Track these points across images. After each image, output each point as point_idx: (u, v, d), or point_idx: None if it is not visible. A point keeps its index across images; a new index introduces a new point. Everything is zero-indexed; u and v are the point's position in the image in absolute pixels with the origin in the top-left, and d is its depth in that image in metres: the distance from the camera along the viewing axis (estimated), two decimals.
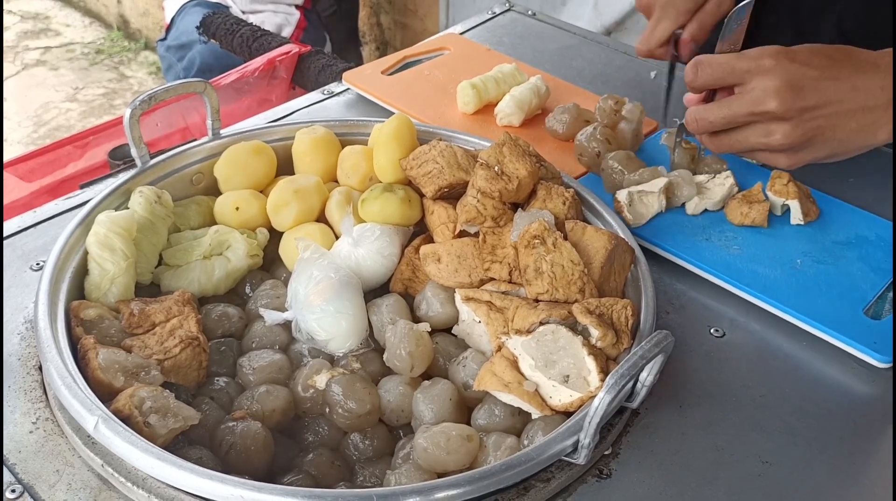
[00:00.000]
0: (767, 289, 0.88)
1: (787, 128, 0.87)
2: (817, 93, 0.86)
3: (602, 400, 0.64)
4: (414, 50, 1.33)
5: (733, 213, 0.98)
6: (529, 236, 0.80)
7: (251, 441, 0.72)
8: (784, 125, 0.87)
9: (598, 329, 0.74)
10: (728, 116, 0.89)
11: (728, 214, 0.98)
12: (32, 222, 0.95)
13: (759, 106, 0.86)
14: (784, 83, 0.85)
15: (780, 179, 0.98)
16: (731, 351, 0.85)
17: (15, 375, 0.77)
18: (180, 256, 0.88)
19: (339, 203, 0.92)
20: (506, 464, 0.64)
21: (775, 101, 0.85)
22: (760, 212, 0.97)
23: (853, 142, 0.89)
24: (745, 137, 0.90)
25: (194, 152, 0.96)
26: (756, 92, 0.86)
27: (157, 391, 0.70)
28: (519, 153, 0.88)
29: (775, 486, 0.72)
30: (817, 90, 0.86)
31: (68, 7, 4.40)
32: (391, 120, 0.95)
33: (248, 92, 1.35)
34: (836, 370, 0.83)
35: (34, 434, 0.72)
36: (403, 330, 0.79)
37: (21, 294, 0.86)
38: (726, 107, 0.89)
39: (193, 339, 0.76)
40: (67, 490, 0.68)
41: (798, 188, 0.97)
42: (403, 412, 0.77)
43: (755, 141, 0.90)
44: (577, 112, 1.12)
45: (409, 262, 0.88)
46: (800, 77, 0.86)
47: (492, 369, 0.76)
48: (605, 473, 0.72)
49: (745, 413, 0.78)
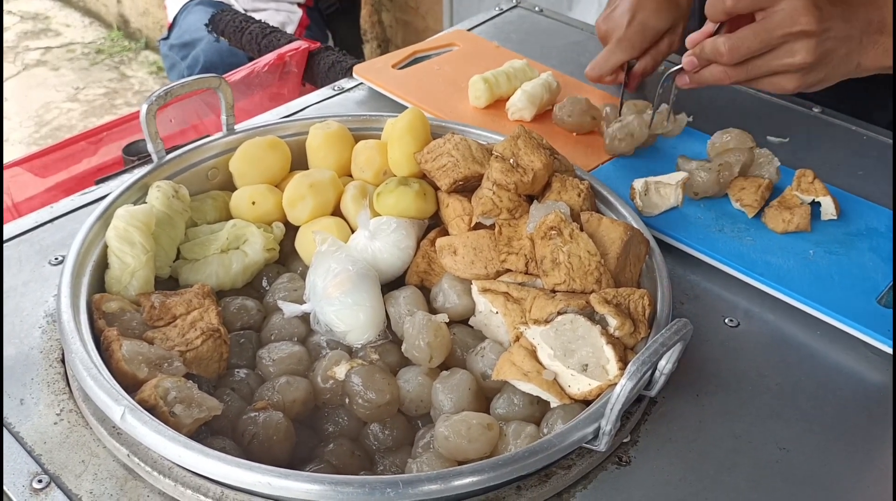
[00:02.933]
0: (781, 279, 0.89)
1: (811, 45, 0.92)
2: (831, 16, 0.93)
3: (624, 387, 0.65)
4: (423, 45, 1.33)
5: (774, 221, 0.97)
6: (546, 227, 0.81)
7: (273, 431, 0.72)
8: (809, 42, 0.92)
9: (616, 319, 0.75)
10: (765, 39, 0.94)
11: (769, 223, 0.97)
12: (49, 217, 0.96)
13: (795, 24, 0.91)
14: (811, 2, 0.91)
15: (804, 178, 0.99)
16: (746, 341, 0.86)
17: (37, 367, 0.78)
18: (198, 250, 0.89)
19: (355, 197, 0.92)
20: (528, 451, 0.65)
21: (808, 17, 0.91)
22: (803, 216, 0.96)
23: (837, 69, 0.97)
24: (768, 61, 0.95)
25: (209, 148, 0.97)
26: (786, 12, 0.92)
27: (180, 381, 0.71)
28: (534, 146, 0.88)
29: (793, 473, 0.73)
30: (830, 13, 0.93)
31: (68, 7, 4.40)
32: (405, 114, 0.95)
33: (258, 88, 1.35)
34: (850, 359, 0.84)
35: (59, 426, 0.73)
36: (422, 321, 0.80)
37: (41, 288, 0.86)
38: (762, 30, 0.93)
39: (215, 331, 0.77)
40: (94, 479, 0.68)
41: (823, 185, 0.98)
42: (422, 402, 0.78)
43: (777, 63, 0.95)
44: (587, 106, 1.13)
45: (424, 254, 0.89)
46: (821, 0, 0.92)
47: (510, 358, 0.76)
48: (624, 460, 0.73)
49: (761, 402, 0.79)
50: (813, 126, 1.21)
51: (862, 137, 1.18)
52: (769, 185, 1.01)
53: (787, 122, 1.21)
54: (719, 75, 0.99)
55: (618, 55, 1.15)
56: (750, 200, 0.99)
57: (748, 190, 1.00)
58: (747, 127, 1.07)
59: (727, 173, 1.00)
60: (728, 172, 1.00)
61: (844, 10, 0.94)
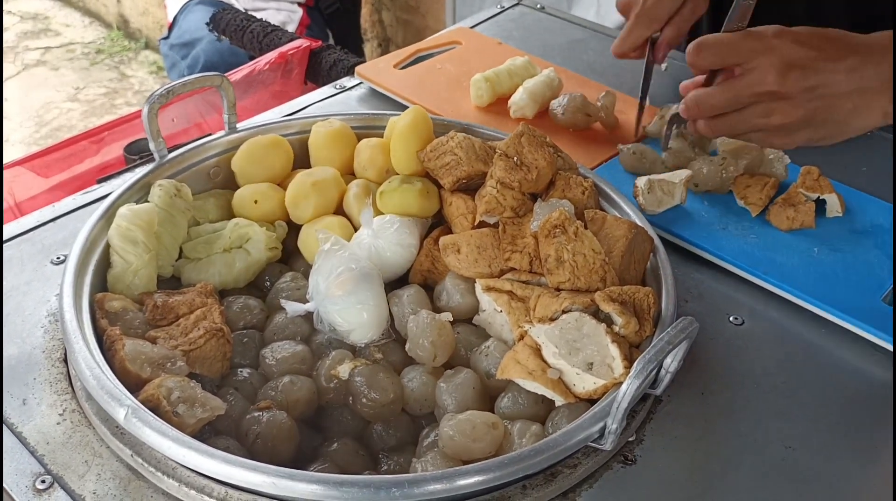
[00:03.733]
0: (786, 277, 0.89)
1: (787, 107, 0.87)
2: (817, 73, 0.86)
3: (630, 385, 0.64)
4: (425, 44, 1.33)
5: (778, 218, 0.96)
6: (550, 225, 0.81)
7: (277, 431, 0.72)
8: (784, 104, 0.87)
9: (621, 317, 0.74)
10: (732, 98, 0.89)
11: (773, 221, 0.97)
12: (51, 216, 0.95)
13: (763, 85, 0.86)
14: (786, 62, 0.85)
15: (809, 176, 0.98)
16: (751, 339, 0.85)
17: (40, 367, 0.78)
18: (200, 249, 0.88)
19: (358, 195, 0.92)
20: (534, 450, 0.65)
21: (778, 79, 0.85)
22: (807, 213, 0.95)
23: (848, 124, 0.90)
24: (745, 118, 0.90)
25: (211, 146, 0.97)
26: (759, 71, 0.86)
27: (183, 381, 0.71)
28: (537, 144, 0.88)
29: (799, 471, 0.72)
30: (817, 70, 0.86)
31: (68, 7, 4.40)
32: (407, 112, 0.95)
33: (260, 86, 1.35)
34: (856, 357, 0.83)
35: (61, 426, 0.72)
36: (426, 320, 0.79)
37: (43, 288, 0.86)
38: (729, 88, 0.89)
39: (218, 330, 0.77)
40: (97, 480, 0.68)
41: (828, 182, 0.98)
42: (426, 401, 0.77)
43: (754, 122, 0.90)
44: (581, 103, 1.12)
45: (428, 253, 0.88)
46: (801, 57, 0.86)
47: (515, 357, 0.76)
48: (629, 459, 0.72)
49: (767, 400, 0.79)
50: None
51: (866, 134, 1.17)
52: (775, 183, 1.00)
53: None
54: (703, 128, 0.95)
55: (639, 30, 1.10)
56: (755, 198, 0.98)
57: (753, 188, 0.99)
58: None
59: (731, 169, 0.99)
60: (732, 167, 1.00)
61: (849, 62, 0.86)
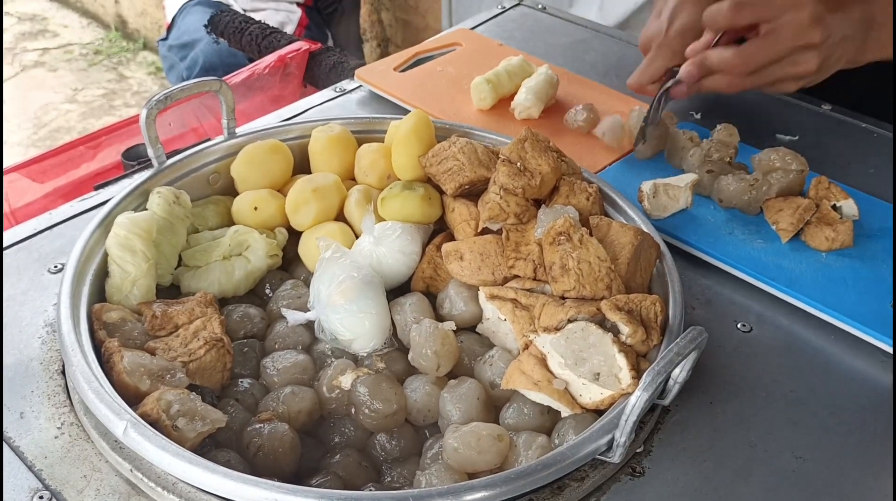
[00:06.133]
0: (793, 283, 0.88)
1: (816, 55, 0.96)
2: (832, 24, 0.96)
3: (639, 398, 0.63)
4: (425, 46, 1.32)
5: (817, 240, 0.92)
6: (555, 232, 0.79)
7: (279, 443, 0.71)
8: (814, 52, 0.96)
9: (628, 326, 0.73)
10: (774, 53, 0.97)
11: (811, 242, 0.92)
12: (48, 224, 0.94)
13: (802, 38, 0.95)
14: (815, 15, 0.95)
15: (821, 185, 0.97)
16: (760, 346, 0.84)
17: (37, 379, 0.76)
18: (200, 257, 0.87)
19: (359, 202, 0.91)
20: (542, 463, 0.64)
21: (815, 31, 0.95)
22: (846, 233, 0.91)
23: (835, 66, 1.01)
24: (773, 71, 0.98)
25: (210, 152, 0.95)
26: (793, 26, 0.95)
27: (183, 393, 0.69)
28: (541, 149, 0.87)
29: (810, 482, 0.71)
30: (831, 21, 0.96)
31: (65, 8, 4.38)
32: (409, 117, 0.94)
33: (259, 90, 1.33)
34: (866, 364, 0.82)
35: (59, 440, 0.71)
36: (429, 329, 0.78)
37: (40, 297, 0.85)
38: (772, 44, 0.96)
39: (218, 340, 0.76)
40: (96, 495, 0.67)
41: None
42: (430, 411, 0.76)
43: (782, 73, 0.99)
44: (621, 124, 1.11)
45: (430, 260, 0.87)
46: (820, 10, 0.95)
47: (520, 367, 0.75)
48: (638, 471, 0.71)
49: (776, 409, 0.77)
50: (822, 124, 1.19)
51: (872, 135, 1.16)
52: (808, 205, 0.94)
53: (796, 119, 1.19)
54: (722, 85, 1.01)
55: (659, 62, 1.08)
56: (786, 223, 0.93)
57: (785, 212, 0.93)
58: (755, 125, 1.06)
59: (765, 189, 0.96)
60: (765, 187, 0.96)
61: (841, 12, 0.97)
